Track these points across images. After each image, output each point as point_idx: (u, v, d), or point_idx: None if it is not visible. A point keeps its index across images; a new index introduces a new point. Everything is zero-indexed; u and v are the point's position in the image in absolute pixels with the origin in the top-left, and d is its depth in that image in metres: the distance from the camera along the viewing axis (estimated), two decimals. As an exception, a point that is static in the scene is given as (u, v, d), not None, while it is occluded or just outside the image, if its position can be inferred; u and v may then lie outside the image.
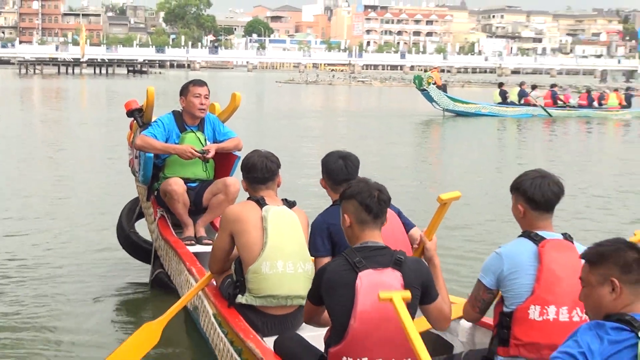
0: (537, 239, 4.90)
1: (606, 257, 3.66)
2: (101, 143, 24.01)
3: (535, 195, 4.92)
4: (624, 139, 32.13)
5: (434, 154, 25.39)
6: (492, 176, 19.17)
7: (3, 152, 20.99)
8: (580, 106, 40.73)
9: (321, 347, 5.02)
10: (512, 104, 39.32)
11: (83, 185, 15.90)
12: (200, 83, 8.13)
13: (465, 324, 5.92)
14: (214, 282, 6.41)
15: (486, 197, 15.52)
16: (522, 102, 39.27)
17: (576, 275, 4.56)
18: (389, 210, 5.44)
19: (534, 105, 38.79)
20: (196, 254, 7.27)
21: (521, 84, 41.42)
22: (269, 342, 5.50)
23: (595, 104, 40.85)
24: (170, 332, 6.73)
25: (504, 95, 39.86)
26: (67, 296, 8.34)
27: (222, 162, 8.24)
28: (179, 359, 6.91)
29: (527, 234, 4.97)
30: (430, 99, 38.18)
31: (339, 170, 5.90)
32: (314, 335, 5.51)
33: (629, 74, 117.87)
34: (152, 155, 7.97)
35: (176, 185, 7.78)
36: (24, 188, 15.53)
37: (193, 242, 7.79)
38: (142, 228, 9.13)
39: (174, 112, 8.14)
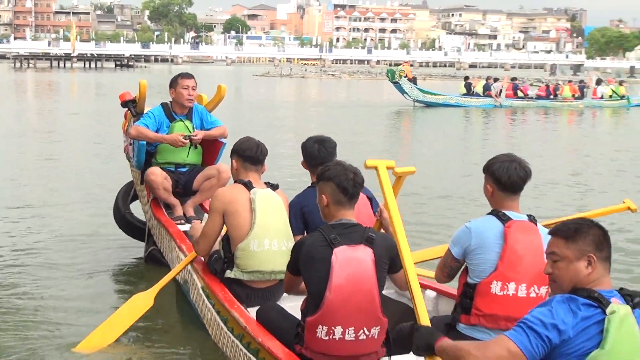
0: (504, 219, 4.97)
1: (584, 234, 3.68)
2: (91, 132, 23.83)
3: (502, 177, 4.97)
4: (578, 126, 32.61)
5: (405, 141, 25.64)
6: (458, 160, 19.49)
7: None
8: (539, 97, 41.43)
9: (299, 316, 5.07)
10: (477, 95, 39.92)
11: (76, 172, 15.86)
12: (188, 76, 8.19)
13: (430, 294, 6.09)
14: (202, 258, 6.49)
15: (449, 178, 15.75)
16: (486, 94, 39.73)
17: (536, 255, 4.85)
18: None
19: (496, 96, 39.37)
20: (186, 233, 7.32)
21: (487, 78, 41.92)
22: (252, 312, 5.61)
23: (552, 95, 41.48)
24: (162, 304, 6.94)
25: (469, 87, 40.68)
26: (66, 272, 8.39)
27: (209, 148, 8.33)
28: (171, 328, 6.95)
29: (496, 213, 5.04)
30: (402, 90, 38.62)
31: (314, 154, 6.02)
32: (293, 306, 5.59)
33: (576, 68, 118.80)
34: (144, 143, 8.05)
35: (153, 175, 7.92)
36: (19, 175, 15.46)
37: (183, 221, 7.87)
38: (137, 209, 9.18)
39: (163, 104, 8.22)
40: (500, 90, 40.09)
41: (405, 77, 38.45)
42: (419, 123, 31.92)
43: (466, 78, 43.05)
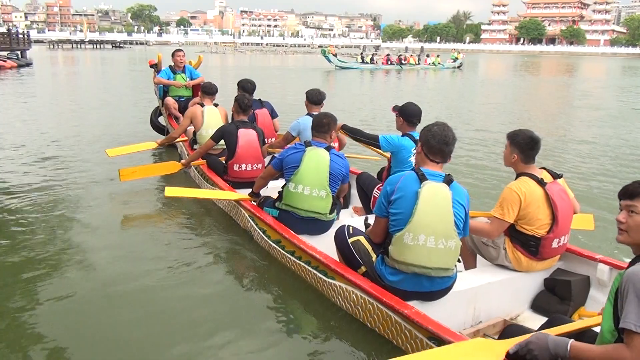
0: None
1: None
2: (100, 86, 21.96)
3: (313, 98, 5.44)
4: (416, 78, 32.81)
5: (331, 82, 25.81)
6: (355, 89, 20.45)
7: (50, 93, 19.37)
8: (397, 63, 42.15)
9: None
10: (367, 63, 40.94)
11: (108, 106, 14.82)
12: (179, 50, 8.50)
13: None
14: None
15: (352, 101, 15.63)
16: (371, 62, 41.15)
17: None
18: (263, 108, 6.44)
19: (375, 63, 41.10)
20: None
21: (372, 54, 44.06)
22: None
23: (404, 62, 42.58)
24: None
25: (362, 59, 41.44)
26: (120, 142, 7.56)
27: (195, 88, 8.61)
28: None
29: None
30: (329, 60, 39.82)
31: (247, 87, 6.47)
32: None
33: (376, 48, 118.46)
34: (162, 86, 8.50)
35: (168, 101, 8.34)
36: (75, 103, 14.22)
37: None
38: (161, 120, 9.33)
39: (170, 66, 8.49)
40: (377, 60, 41.74)
41: (331, 54, 40.05)
42: (339, 77, 31.40)
43: (361, 54, 43.36)
